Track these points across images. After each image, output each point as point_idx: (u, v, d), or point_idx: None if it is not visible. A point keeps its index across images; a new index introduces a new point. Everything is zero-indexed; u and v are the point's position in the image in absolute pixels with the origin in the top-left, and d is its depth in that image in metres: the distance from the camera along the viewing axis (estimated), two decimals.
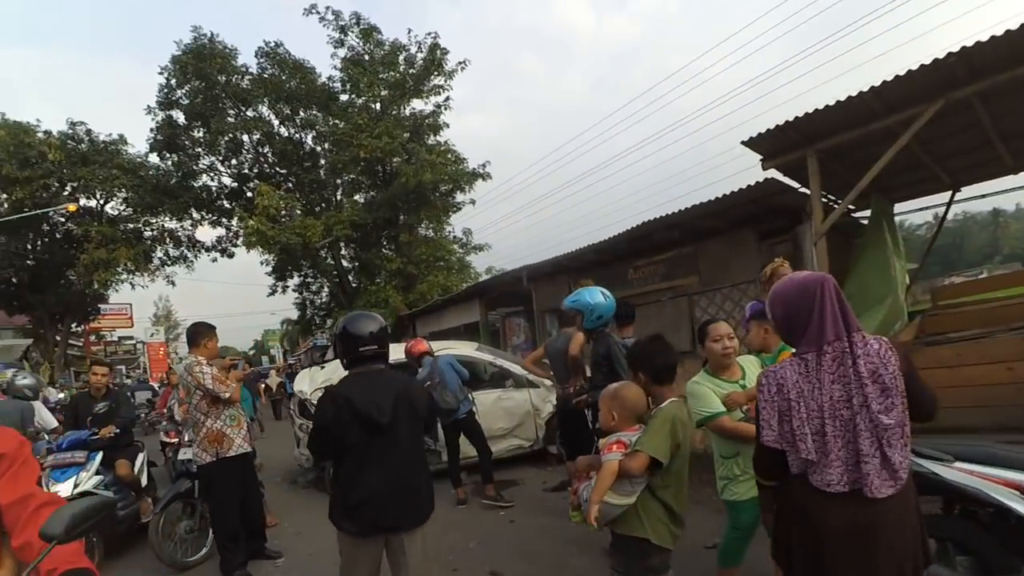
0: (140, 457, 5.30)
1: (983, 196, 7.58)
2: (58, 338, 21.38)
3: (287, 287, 23.35)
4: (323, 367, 7.57)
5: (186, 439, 5.05)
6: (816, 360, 1.67)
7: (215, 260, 23.40)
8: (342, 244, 19.98)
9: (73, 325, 23.60)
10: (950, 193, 7.34)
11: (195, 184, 20.82)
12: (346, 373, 2.50)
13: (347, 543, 2.41)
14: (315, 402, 6.44)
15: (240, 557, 4.09)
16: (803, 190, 5.61)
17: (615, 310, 4.06)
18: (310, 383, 7.01)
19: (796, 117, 4.86)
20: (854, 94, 4.52)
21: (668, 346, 2.42)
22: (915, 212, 8.16)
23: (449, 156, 18.95)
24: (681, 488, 2.21)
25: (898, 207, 7.39)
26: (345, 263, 21.13)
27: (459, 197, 19.38)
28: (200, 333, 4.18)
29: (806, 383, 1.66)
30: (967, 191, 7.38)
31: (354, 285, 20.15)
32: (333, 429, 2.36)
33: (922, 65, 4.21)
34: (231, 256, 23.05)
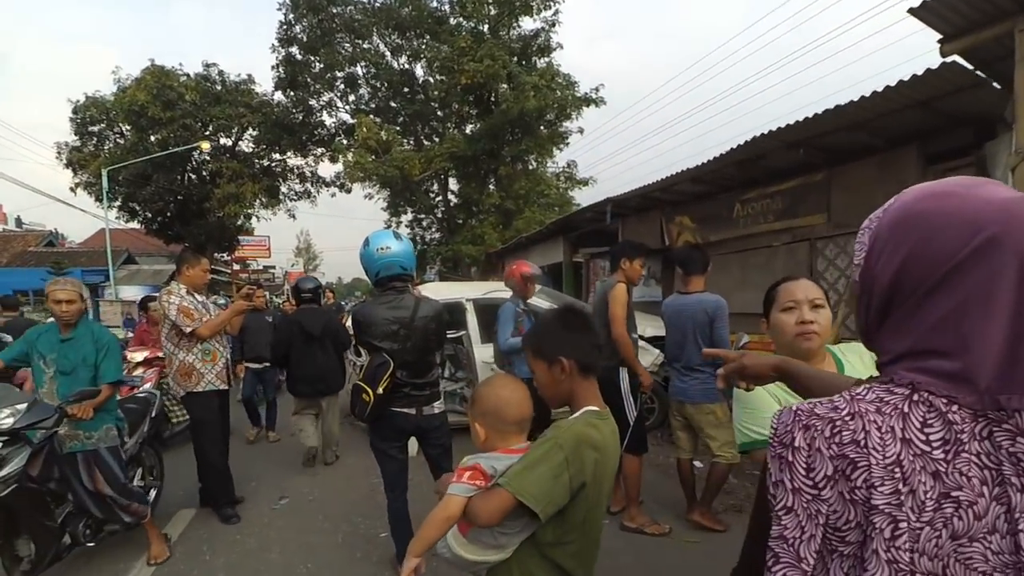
0: None
1: None
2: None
3: (400, 223, 23.89)
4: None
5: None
6: (969, 425, 0.57)
7: (334, 195, 24.58)
8: (446, 178, 19.66)
9: (216, 255, 26.53)
10: None
11: (315, 120, 21.72)
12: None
13: (299, 401, 4.97)
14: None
15: (229, 495, 3.90)
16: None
17: (413, 260, 2.85)
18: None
19: None
20: None
21: (588, 318, 1.46)
22: None
23: (558, 80, 17.34)
24: (589, 547, 1.33)
25: None
26: (452, 198, 20.89)
27: (567, 125, 17.87)
28: (182, 260, 3.82)
29: (921, 469, 0.57)
30: None
31: (458, 221, 19.89)
32: (290, 338, 4.82)
33: None
34: (349, 191, 23.92)
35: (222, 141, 21.95)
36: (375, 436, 2.83)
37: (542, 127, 17.73)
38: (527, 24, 18.57)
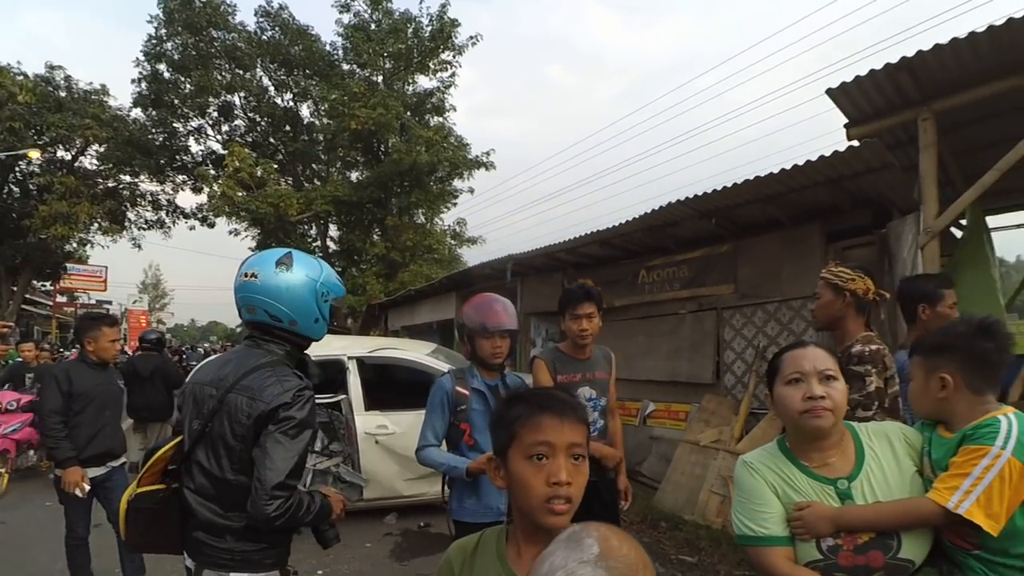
0: None
1: None
2: (14, 289, 19.77)
3: None
4: None
5: None
6: None
7: (193, 228, 21.86)
8: (327, 223, 18.38)
9: (35, 282, 22.14)
10: None
11: (178, 144, 19.41)
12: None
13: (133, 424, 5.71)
14: None
15: None
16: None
17: (294, 306, 1.68)
18: None
19: (908, 56, 3.16)
20: (1016, 16, 2.81)
21: None
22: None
23: (451, 139, 17.32)
24: None
25: None
26: (332, 244, 19.50)
27: (457, 183, 17.76)
28: None
29: None
30: None
31: (337, 269, 18.47)
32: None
33: None
34: (211, 226, 21.38)
35: (59, 154, 18.69)
36: None
37: (432, 183, 17.44)
38: (423, 82, 18.62)
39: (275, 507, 1.44)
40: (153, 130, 18.91)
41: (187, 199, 34.80)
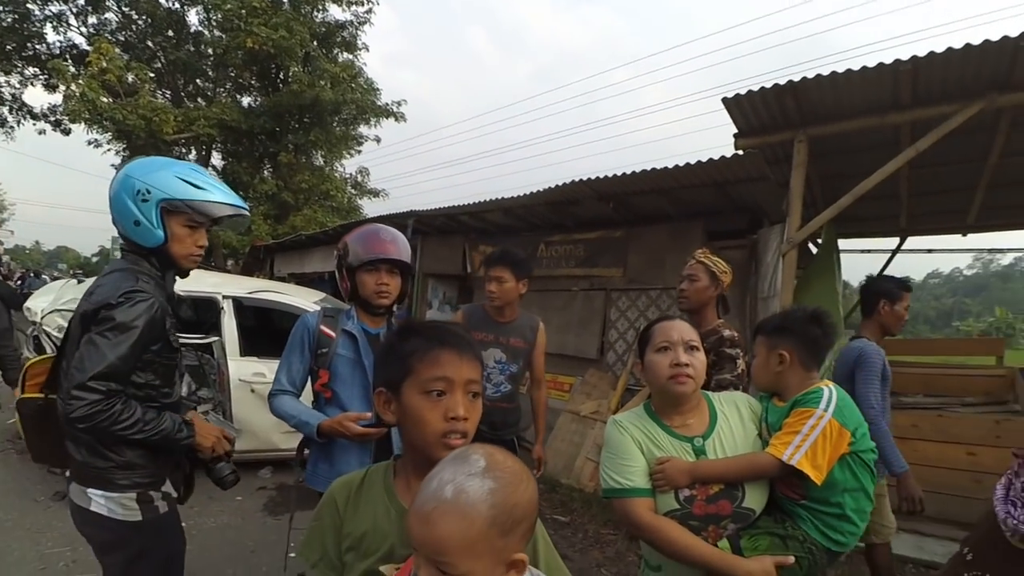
0: None
1: (929, 251, 6.88)
2: None
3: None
4: (81, 281, 5.15)
5: None
6: None
7: (43, 133, 18.60)
8: (210, 149, 16.55)
9: None
10: (897, 240, 6.56)
11: (31, 31, 16.13)
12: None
13: None
14: (47, 329, 4.23)
15: None
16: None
17: (125, 217, 1.56)
18: (53, 301, 4.63)
19: (795, 81, 3.51)
20: (887, 63, 3.23)
21: None
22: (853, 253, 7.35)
23: (360, 80, 16.26)
24: None
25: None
26: (215, 174, 17.60)
27: (363, 130, 16.81)
28: None
29: None
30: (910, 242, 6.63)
31: None
32: None
33: (985, 42, 2.96)
34: (67, 132, 18.33)
35: None
36: None
37: (335, 124, 16.32)
38: (335, 12, 17.14)
39: (74, 408, 1.37)
40: (0, 7, 15.61)
41: (37, 97, 29.49)
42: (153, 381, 1.55)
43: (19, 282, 14.49)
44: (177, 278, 1.69)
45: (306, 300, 4.89)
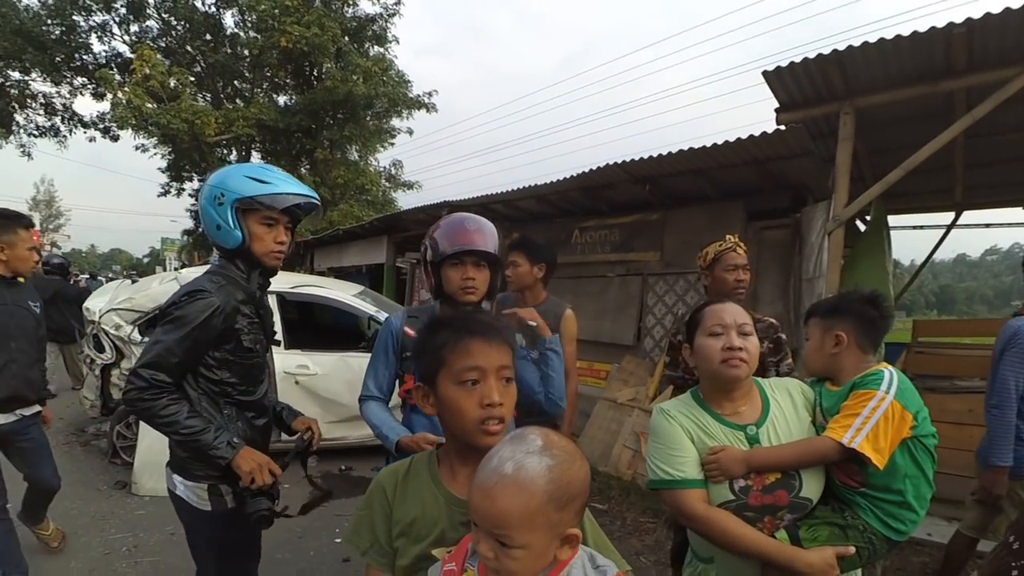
0: None
1: (987, 226, 6.48)
2: None
3: (183, 190, 19.95)
4: (135, 281, 5.39)
5: None
6: None
7: (93, 140, 19.58)
8: (250, 149, 17.06)
9: None
10: (952, 215, 6.19)
11: (78, 42, 16.91)
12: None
13: None
14: (105, 328, 4.40)
15: None
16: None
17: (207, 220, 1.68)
18: (109, 301, 4.85)
19: (839, 50, 3.33)
20: (939, 26, 3.03)
21: None
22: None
23: (391, 73, 16.40)
24: None
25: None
26: None
27: (395, 123, 16.98)
28: None
29: None
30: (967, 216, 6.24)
31: None
32: None
33: None
34: (115, 139, 19.24)
35: None
36: None
37: (368, 118, 16.53)
38: (365, 6, 17.32)
39: (127, 391, 1.48)
40: (49, 21, 16.38)
41: (87, 106, 31.02)
42: (229, 379, 1.62)
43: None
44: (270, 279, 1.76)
45: (345, 293, 4.99)
